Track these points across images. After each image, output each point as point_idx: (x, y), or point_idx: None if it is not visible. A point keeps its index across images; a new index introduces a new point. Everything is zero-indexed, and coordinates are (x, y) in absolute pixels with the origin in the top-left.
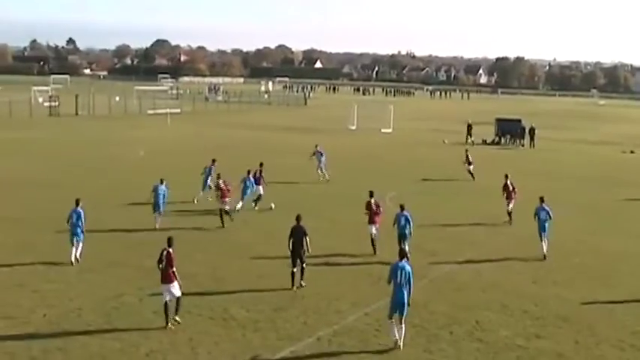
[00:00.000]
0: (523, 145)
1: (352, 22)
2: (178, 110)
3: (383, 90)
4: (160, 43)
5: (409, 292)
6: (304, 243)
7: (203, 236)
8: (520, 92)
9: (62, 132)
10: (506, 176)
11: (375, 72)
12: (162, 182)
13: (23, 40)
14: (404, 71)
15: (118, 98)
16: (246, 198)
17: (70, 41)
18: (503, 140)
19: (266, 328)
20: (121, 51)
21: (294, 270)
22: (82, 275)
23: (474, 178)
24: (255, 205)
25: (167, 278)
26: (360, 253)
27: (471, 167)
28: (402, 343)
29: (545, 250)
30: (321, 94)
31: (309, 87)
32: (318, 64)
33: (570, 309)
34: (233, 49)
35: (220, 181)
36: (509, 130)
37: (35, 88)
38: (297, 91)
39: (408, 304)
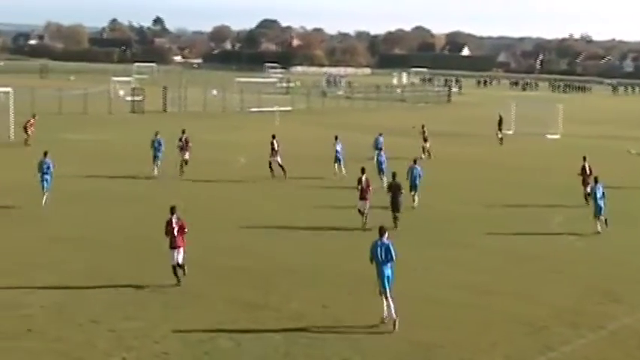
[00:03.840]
0: None
1: None
2: (289, 108)
3: (550, 84)
4: (268, 25)
5: (392, 267)
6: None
7: (307, 265)
8: None
9: (146, 133)
10: (584, 158)
11: (539, 61)
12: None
13: (101, 19)
14: (577, 60)
15: (215, 92)
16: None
17: (158, 21)
18: None
19: None
20: (220, 33)
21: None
22: (167, 311)
23: (430, 156)
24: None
25: (178, 243)
26: (514, 292)
27: (427, 144)
28: (396, 317)
29: (599, 229)
30: (470, 89)
31: (453, 80)
32: (466, 51)
33: None
34: (357, 32)
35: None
36: None
37: (115, 78)
38: (439, 85)
39: (393, 278)
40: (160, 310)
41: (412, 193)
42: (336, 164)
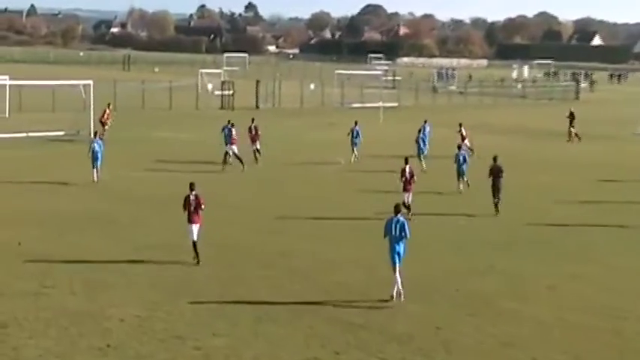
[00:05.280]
0: None
1: None
2: (395, 104)
3: None
4: (372, 10)
5: (404, 244)
6: (501, 180)
7: (417, 278)
8: None
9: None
10: None
11: None
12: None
13: (190, 5)
14: None
15: (312, 86)
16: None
17: (250, 7)
18: None
19: None
20: (318, 21)
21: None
22: (259, 327)
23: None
24: None
25: (196, 219)
26: None
27: (466, 142)
28: (394, 293)
29: None
30: (602, 84)
31: (582, 74)
32: (597, 41)
33: None
34: (473, 19)
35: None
36: None
37: (203, 70)
38: (566, 80)
39: (404, 255)
40: (251, 326)
41: (459, 180)
42: (353, 148)
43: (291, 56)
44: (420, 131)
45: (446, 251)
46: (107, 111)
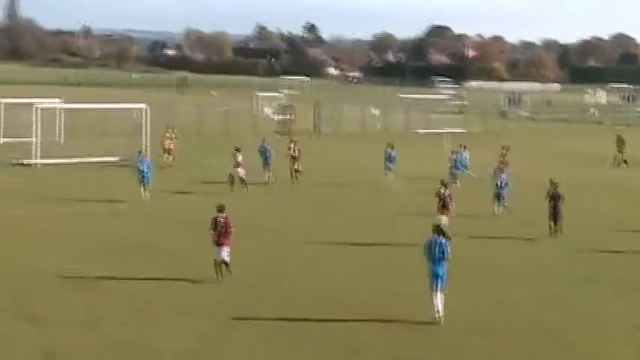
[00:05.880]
0: None
1: None
2: (462, 130)
3: None
4: (438, 32)
5: (444, 265)
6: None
7: (480, 310)
8: None
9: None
10: None
11: None
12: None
13: (247, 26)
14: None
15: (375, 111)
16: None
17: (311, 29)
18: None
19: None
20: (382, 42)
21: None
22: (291, 345)
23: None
24: None
25: (223, 241)
26: None
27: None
28: (442, 314)
29: None
30: None
31: None
32: None
33: None
34: (544, 41)
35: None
36: None
37: (261, 94)
38: None
39: (445, 276)
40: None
41: (496, 201)
42: (386, 172)
43: (353, 80)
44: (453, 152)
45: (505, 280)
46: (167, 135)
